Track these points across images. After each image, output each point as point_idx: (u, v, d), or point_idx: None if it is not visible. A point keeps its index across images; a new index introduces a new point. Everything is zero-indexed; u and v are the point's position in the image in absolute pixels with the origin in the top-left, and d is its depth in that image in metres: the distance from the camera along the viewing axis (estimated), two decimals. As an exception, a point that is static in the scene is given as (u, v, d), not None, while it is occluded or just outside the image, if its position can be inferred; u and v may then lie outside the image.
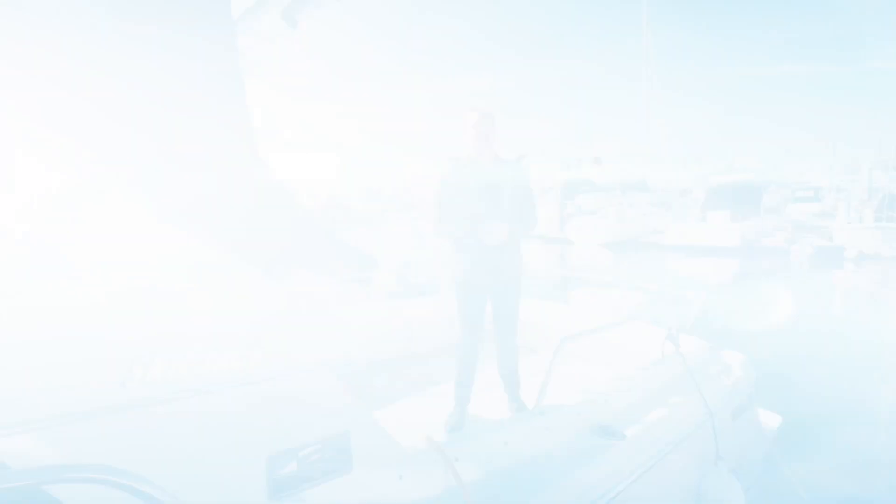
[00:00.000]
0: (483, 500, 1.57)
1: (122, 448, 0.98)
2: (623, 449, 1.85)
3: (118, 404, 1.02)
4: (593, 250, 20.21)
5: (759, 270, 13.55)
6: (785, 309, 8.27)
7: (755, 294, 10.14)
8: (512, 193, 2.60)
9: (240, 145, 1.82)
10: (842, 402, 4.89)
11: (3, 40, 1.28)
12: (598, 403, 2.04)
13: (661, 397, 2.24)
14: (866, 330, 7.52)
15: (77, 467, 0.86)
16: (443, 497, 1.49)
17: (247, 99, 1.87)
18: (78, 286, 1.13)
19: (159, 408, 1.06)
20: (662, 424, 2.08)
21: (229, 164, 1.67)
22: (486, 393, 3.12)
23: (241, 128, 1.80)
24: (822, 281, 11.34)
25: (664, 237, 19.76)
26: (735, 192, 20.27)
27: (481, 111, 2.59)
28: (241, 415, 1.18)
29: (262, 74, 2.86)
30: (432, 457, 1.55)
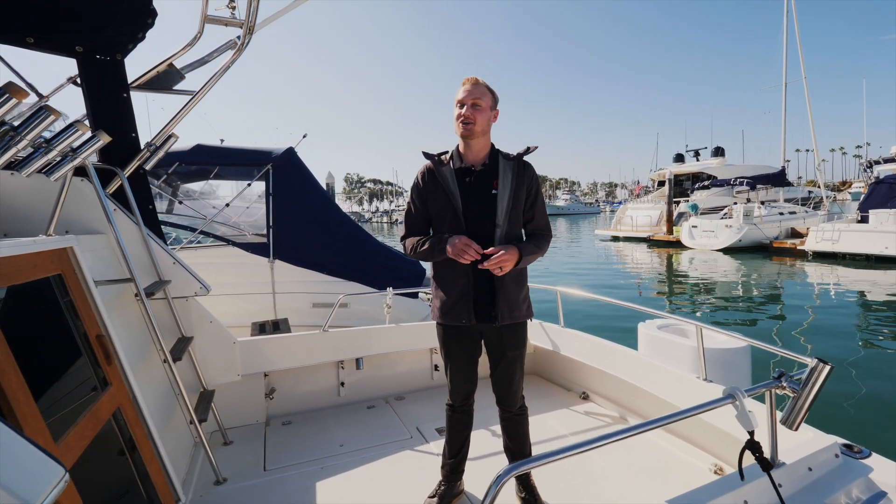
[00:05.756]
0: None
1: None
2: None
3: None
4: (711, 256, 17.34)
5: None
6: None
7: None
8: (512, 201, 1.82)
9: None
10: None
11: None
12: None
13: None
14: None
15: None
16: None
17: None
18: None
19: None
20: None
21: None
22: (485, 464, 2.35)
23: None
24: None
25: (806, 242, 16.15)
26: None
27: (471, 80, 1.82)
28: None
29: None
30: None
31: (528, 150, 1.91)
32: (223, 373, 2.75)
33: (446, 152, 1.93)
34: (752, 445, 1.35)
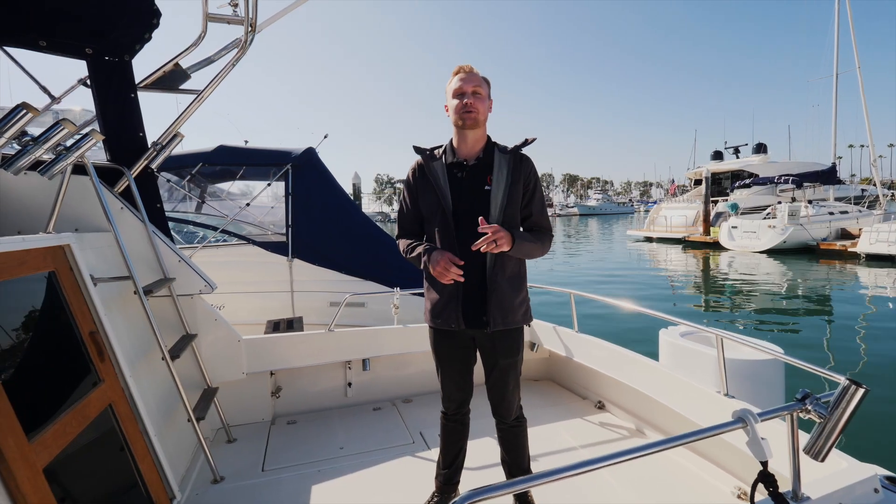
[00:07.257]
0: None
1: None
2: None
3: None
4: (752, 259, 16.43)
5: None
6: None
7: None
8: (507, 198, 1.70)
9: None
10: None
11: None
12: None
13: None
14: None
15: None
16: None
17: None
18: None
19: None
20: None
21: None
22: (483, 475, 2.24)
23: None
24: None
25: (858, 244, 15.05)
26: None
27: (466, 69, 1.72)
28: None
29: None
30: None
31: (525, 143, 1.78)
32: (228, 370, 2.76)
33: (440, 146, 1.84)
34: (766, 478, 1.19)
